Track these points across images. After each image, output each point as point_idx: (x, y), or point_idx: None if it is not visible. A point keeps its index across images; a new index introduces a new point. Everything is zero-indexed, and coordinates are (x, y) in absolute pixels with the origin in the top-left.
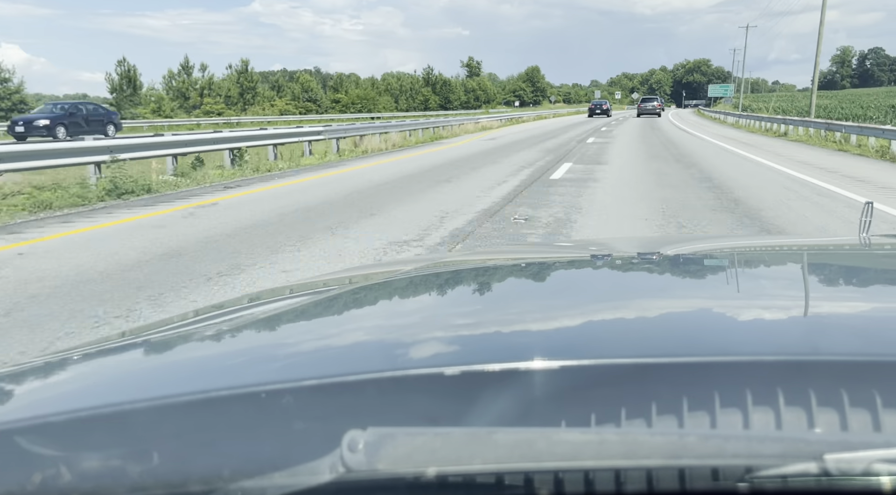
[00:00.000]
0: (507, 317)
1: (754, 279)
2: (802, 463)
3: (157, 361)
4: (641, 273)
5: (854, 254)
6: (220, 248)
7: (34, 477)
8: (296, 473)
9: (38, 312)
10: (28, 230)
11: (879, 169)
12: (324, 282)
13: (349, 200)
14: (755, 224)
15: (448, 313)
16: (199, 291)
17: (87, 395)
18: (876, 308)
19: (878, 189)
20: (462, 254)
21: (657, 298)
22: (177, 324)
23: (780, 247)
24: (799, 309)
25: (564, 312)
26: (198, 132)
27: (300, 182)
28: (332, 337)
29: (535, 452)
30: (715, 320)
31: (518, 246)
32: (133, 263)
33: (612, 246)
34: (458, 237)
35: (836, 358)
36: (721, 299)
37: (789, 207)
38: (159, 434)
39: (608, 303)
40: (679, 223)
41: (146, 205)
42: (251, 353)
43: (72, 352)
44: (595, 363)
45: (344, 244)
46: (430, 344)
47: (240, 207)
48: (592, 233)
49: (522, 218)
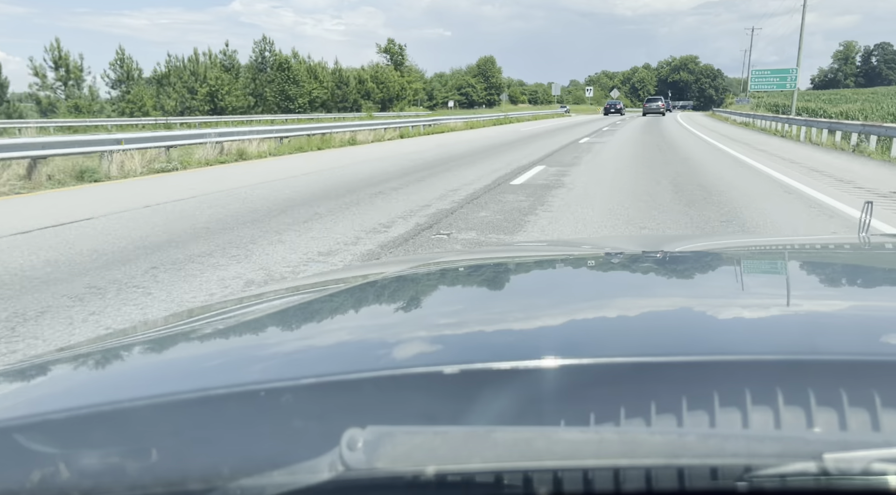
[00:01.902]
0: (507, 316)
1: (754, 278)
2: (801, 463)
3: (157, 359)
4: (641, 271)
5: (854, 253)
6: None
7: (33, 474)
8: (295, 471)
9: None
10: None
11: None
12: (322, 281)
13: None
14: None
15: (447, 312)
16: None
17: (87, 393)
18: (876, 307)
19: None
20: (462, 253)
21: (656, 297)
22: (176, 322)
23: (780, 246)
24: (799, 308)
25: (564, 311)
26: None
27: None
28: (330, 335)
29: (534, 451)
30: (714, 319)
31: (518, 245)
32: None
33: (611, 244)
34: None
35: (835, 357)
36: (720, 298)
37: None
38: (158, 432)
39: (608, 302)
40: None
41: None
42: (250, 352)
43: (71, 350)
44: (594, 362)
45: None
46: (429, 342)
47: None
48: None
49: None
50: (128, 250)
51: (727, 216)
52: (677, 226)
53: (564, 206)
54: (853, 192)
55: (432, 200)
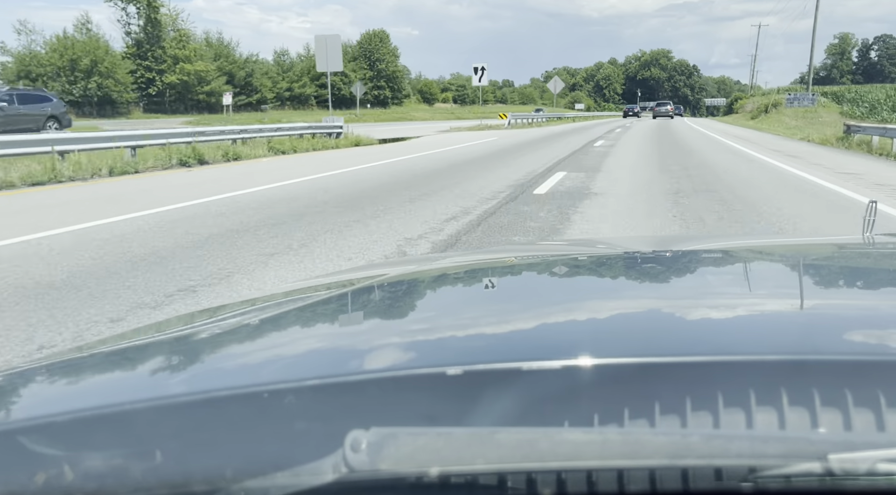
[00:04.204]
0: (510, 317)
1: (757, 278)
2: (806, 463)
3: (160, 362)
4: (645, 272)
5: (858, 253)
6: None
7: (37, 477)
8: (298, 473)
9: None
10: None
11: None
12: (326, 284)
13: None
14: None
15: (450, 312)
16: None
17: (91, 395)
18: (880, 307)
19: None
20: (464, 254)
21: (660, 297)
22: (179, 324)
23: (784, 246)
24: (803, 308)
25: (567, 311)
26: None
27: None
28: (333, 337)
29: (537, 452)
30: (718, 319)
31: (519, 245)
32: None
33: (616, 245)
34: None
35: (839, 357)
36: (724, 298)
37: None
38: (162, 434)
39: (611, 302)
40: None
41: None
42: (253, 353)
43: (75, 352)
44: (598, 362)
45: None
46: (432, 343)
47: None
48: None
49: None
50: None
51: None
52: None
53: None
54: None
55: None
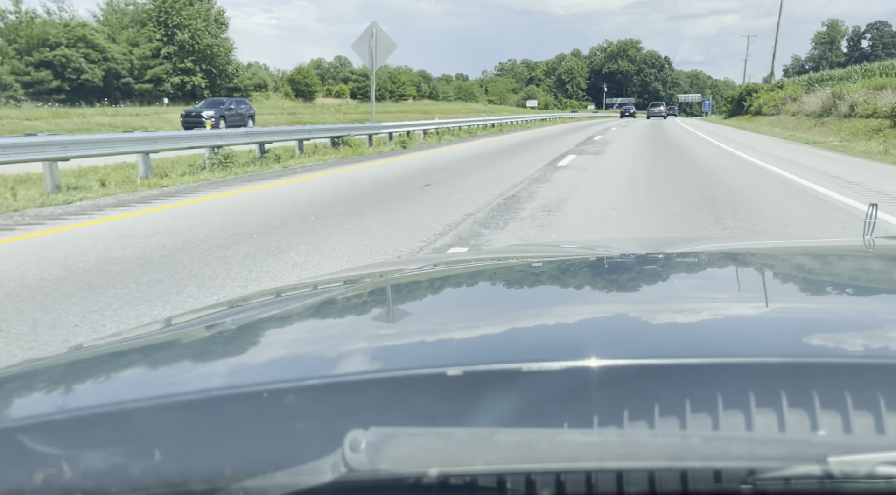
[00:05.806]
0: (510, 318)
1: (757, 280)
2: (806, 466)
3: (159, 360)
4: (644, 274)
5: (858, 256)
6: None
7: (37, 475)
8: (298, 473)
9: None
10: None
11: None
12: (325, 283)
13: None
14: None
15: (450, 313)
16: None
17: (90, 394)
18: (880, 310)
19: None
20: (465, 255)
21: (659, 299)
22: (179, 323)
23: (784, 248)
24: (803, 310)
25: (567, 313)
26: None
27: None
28: (333, 337)
29: (536, 453)
30: (718, 322)
31: (520, 246)
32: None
33: (615, 246)
34: None
35: (839, 360)
36: (724, 301)
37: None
38: (161, 433)
39: (611, 304)
40: None
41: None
42: (253, 353)
43: (74, 351)
44: (597, 364)
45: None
46: (432, 344)
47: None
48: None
49: None
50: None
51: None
52: None
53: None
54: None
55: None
